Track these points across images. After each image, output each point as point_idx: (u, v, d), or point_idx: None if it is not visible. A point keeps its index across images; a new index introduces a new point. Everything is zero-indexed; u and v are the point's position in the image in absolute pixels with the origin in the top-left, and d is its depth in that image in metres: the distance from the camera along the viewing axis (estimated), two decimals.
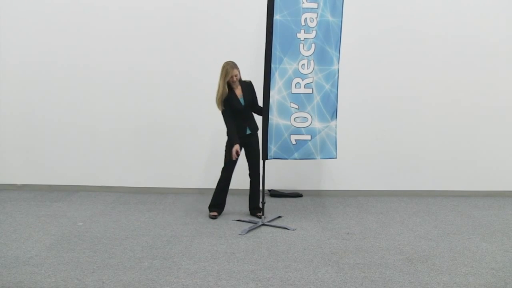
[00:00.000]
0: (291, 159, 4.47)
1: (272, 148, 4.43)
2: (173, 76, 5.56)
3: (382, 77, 5.51)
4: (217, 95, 4.43)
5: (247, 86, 4.55)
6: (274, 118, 4.37)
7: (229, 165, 4.59)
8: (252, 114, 4.63)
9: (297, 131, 4.38)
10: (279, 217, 4.71)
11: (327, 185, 5.66)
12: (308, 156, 4.43)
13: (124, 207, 5.05)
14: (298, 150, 4.41)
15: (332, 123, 4.39)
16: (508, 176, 5.65)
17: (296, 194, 5.58)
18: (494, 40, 5.48)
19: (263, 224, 4.45)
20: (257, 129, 4.63)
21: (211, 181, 5.64)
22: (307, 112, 4.36)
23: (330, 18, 4.30)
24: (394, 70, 5.49)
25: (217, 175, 5.51)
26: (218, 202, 4.71)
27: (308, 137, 4.38)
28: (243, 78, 4.58)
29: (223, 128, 5.52)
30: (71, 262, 3.50)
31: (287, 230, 4.31)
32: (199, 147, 5.64)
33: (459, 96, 5.55)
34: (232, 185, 5.59)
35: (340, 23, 4.33)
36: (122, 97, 5.61)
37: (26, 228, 4.30)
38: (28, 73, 5.63)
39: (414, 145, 5.60)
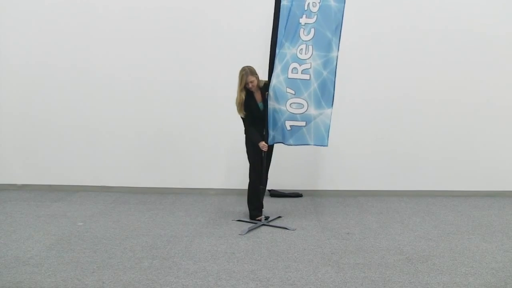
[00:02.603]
0: (287, 144, 4.42)
1: (271, 133, 4.39)
2: (173, 77, 5.56)
3: (382, 77, 5.50)
4: (236, 102, 4.40)
5: (267, 89, 4.43)
6: (271, 103, 4.34)
7: (256, 165, 4.50)
8: None
9: (292, 117, 4.32)
10: (279, 217, 4.71)
11: (327, 185, 5.66)
12: (302, 142, 4.37)
13: (124, 207, 5.05)
14: (293, 136, 4.36)
15: (328, 111, 4.27)
16: (508, 176, 5.65)
17: (296, 194, 5.57)
18: (495, 39, 5.47)
19: (263, 224, 4.45)
20: None
21: (211, 182, 5.66)
22: (303, 99, 4.27)
23: (333, 3, 4.20)
24: (394, 70, 5.49)
25: (217, 175, 5.53)
26: (258, 204, 4.60)
27: (303, 124, 4.31)
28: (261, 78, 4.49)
29: (223, 128, 5.56)
30: (71, 262, 3.50)
31: (287, 230, 4.31)
32: (199, 148, 5.64)
33: (459, 96, 5.54)
34: (233, 185, 5.63)
35: (342, 9, 4.20)
36: (123, 97, 5.61)
37: (26, 228, 4.30)
38: (29, 73, 5.63)
39: (414, 145, 5.60)
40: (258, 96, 4.45)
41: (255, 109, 4.43)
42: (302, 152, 5.38)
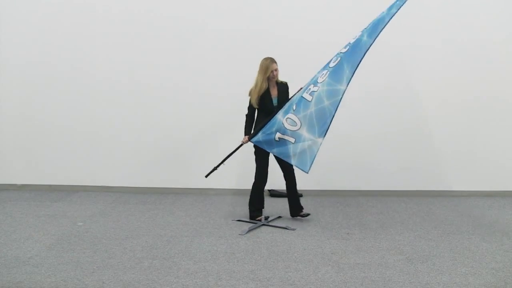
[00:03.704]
0: (269, 151, 4.39)
1: (259, 135, 4.36)
2: (173, 77, 5.56)
3: (382, 77, 5.50)
4: (254, 89, 4.36)
5: (283, 87, 4.47)
6: (280, 111, 4.33)
7: (261, 167, 4.50)
8: None
9: (283, 131, 4.27)
10: (279, 217, 4.71)
11: (328, 185, 5.66)
12: (284, 157, 4.30)
13: (124, 207, 5.05)
14: (278, 148, 4.30)
15: (319, 140, 4.14)
16: (508, 176, 5.65)
17: None
18: (494, 38, 5.47)
19: (263, 224, 4.45)
20: None
21: (211, 181, 5.64)
22: (298, 118, 4.20)
23: (364, 38, 4.06)
24: (394, 69, 5.49)
25: (217, 175, 5.49)
26: (260, 205, 4.58)
27: (292, 140, 4.25)
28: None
29: (223, 128, 5.55)
30: (71, 262, 3.50)
31: (287, 230, 4.31)
32: (199, 147, 5.64)
33: (459, 96, 5.54)
34: (233, 185, 5.63)
35: (369, 45, 4.01)
36: (122, 97, 5.61)
37: (26, 228, 4.30)
38: (29, 73, 5.64)
39: (414, 145, 5.60)
40: (273, 91, 4.44)
41: (269, 103, 4.41)
42: None
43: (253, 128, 4.51)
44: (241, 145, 4.51)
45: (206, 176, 4.68)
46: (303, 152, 4.22)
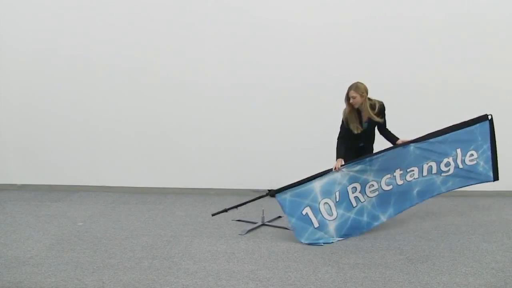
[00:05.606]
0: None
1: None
2: (174, 77, 5.56)
3: (381, 76, 5.49)
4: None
5: (380, 108, 4.30)
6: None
7: None
8: (372, 136, 4.44)
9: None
10: (279, 217, 4.71)
11: None
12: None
13: (124, 207, 5.05)
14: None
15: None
16: (508, 176, 5.63)
17: None
18: (493, 37, 5.46)
19: (263, 224, 4.45)
20: (372, 143, 4.47)
21: (211, 181, 5.66)
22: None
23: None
24: (393, 69, 5.48)
25: (217, 175, 5.50)
26: None
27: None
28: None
29: (223, 129, 5.55)
30: (71, 262, 3.50)
31: (287, 230, 4.31)
32: (199, 147, 5.64)
33: (458, 95, 5.53)
34: (233, 185, 5.62)
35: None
36: (123, 97, 5.62)
37: (26, 228, 4.30)
38: (29, 73, 5.64)
39: None
40: (364, 115, 4.27)
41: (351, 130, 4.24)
42: (302, 151, 5.38)
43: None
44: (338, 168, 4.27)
45: (213, 215, 4.47)
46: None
